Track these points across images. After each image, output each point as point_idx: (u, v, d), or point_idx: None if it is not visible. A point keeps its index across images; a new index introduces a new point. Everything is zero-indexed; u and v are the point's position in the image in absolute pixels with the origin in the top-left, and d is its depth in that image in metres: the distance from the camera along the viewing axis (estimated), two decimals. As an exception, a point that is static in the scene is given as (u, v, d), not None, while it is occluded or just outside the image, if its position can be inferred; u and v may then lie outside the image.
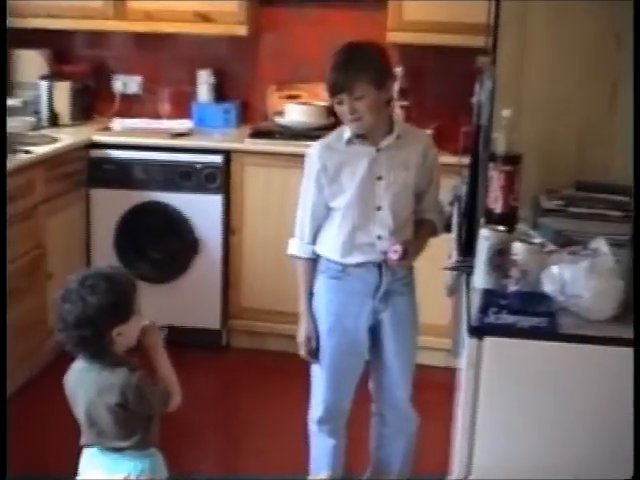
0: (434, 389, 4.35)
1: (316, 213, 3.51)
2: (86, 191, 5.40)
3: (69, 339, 2.82)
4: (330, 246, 3.50)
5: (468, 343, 2.67)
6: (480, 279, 2.89)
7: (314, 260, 3.57)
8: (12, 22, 5.53)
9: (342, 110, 3.36)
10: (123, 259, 5.42)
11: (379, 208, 3.45)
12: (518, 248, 2.84)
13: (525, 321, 2.63)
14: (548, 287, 2.76)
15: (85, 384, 2.88)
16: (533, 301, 2.72)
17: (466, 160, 3.63)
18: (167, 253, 5.47)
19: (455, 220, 3.63)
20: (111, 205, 5.41)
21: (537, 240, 2.99)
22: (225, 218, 5.37)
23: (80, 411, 2.91)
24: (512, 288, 2.81)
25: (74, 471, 3.03)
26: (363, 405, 3.77)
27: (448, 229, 3.68)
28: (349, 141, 3.45)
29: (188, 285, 5.44)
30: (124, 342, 2.86)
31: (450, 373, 3.66)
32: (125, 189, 5.37)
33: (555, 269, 2.76)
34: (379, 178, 3.44)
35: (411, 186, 3.49)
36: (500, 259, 2.86)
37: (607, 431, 2.66)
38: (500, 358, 2.66)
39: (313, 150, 3.51)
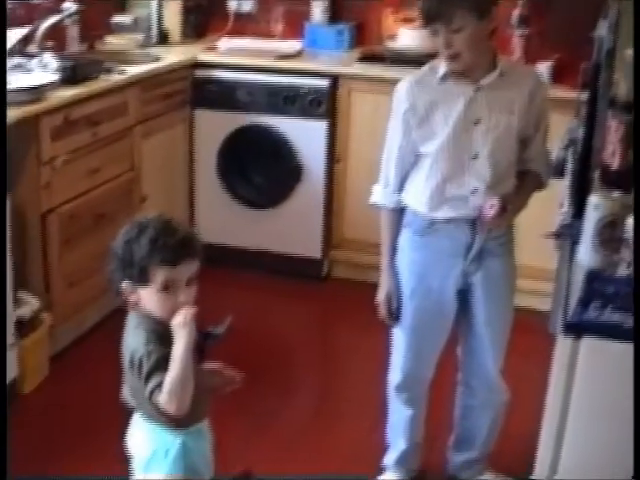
0: (533, 334, 3.64)
1: (403, 158, 2.82)
2: (190, 111, 4.80)
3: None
4: (417, 197, 2.81)
5: (562, 341, 1.97)
6: (585, 255, 2.20)
7: (400, 211, 2.89)
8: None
9: (437, 42, 2.64)
10: (225, 182, 4.88)
11: (475, 156, 2.73)
12: (631, 225, 2.10)
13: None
14: (666, 275, 2.02)
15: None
16: (646, 292, 2.00)
17: (585, 97, 2.89)
18: (270, 178, 4.87)
19: (570, 166, 2.88)
20: (214, 127, 4.81)
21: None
22: (329, 145, 4.71)
23: None
24: (622, 272, 2.09)
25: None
26: (447, 371, 3.11)
27: (561, 174, 2.94)
28: (444, 77, 2.73)
29: (290, 212, 4.83)
30: (137, 302, 2.27)
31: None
32: (229, 111, 4.76)
33: (677, 254, 2.02)
34: (477, 121, 2.71)
35: (515, 131, 2.75)
36: (611, 233, 2.16)
37: None
38: (599, 362, 1.95)
39: (401, 86, 2.81)
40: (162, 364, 2.18)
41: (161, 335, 2.23)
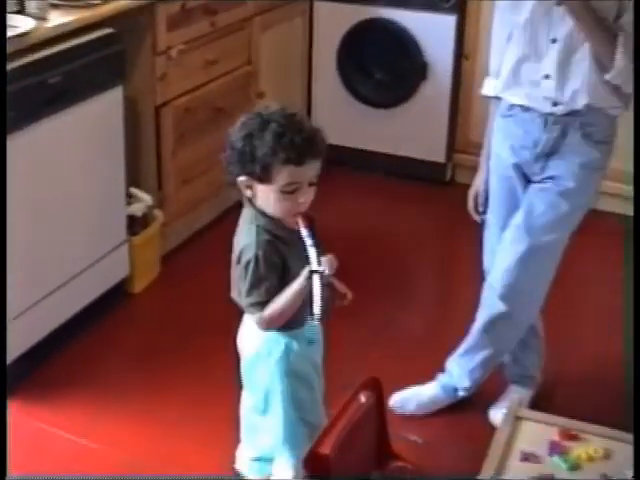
0: (607, 237, 3.96)
1: (501, 45, 2.76)
2: (309, 3, 4.62)
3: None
4: (501, 79, 2.77)
5: None
6: None
7: None
8: None
9: None
10: (345, 80, 4.70)
11: (554, 40, 2.61)
12: None
13: None
14: None
15: None
16: None
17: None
18: (393, 75, 4.66)
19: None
20: (334, 20, 4.62)
21: None
22: (458, 41, 4.48)
23: None
24: None
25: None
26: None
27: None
28: None
29: (413, 112, 4.62)
30: (253, 198, 2.19)
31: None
32: (350, 3, 4.56)
33: None
34: (558, 3, 2.56)
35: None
36: None
37: None
38: None
39: None
40: (266, 277, 2.13)
41: (274, 238, 2.15)
